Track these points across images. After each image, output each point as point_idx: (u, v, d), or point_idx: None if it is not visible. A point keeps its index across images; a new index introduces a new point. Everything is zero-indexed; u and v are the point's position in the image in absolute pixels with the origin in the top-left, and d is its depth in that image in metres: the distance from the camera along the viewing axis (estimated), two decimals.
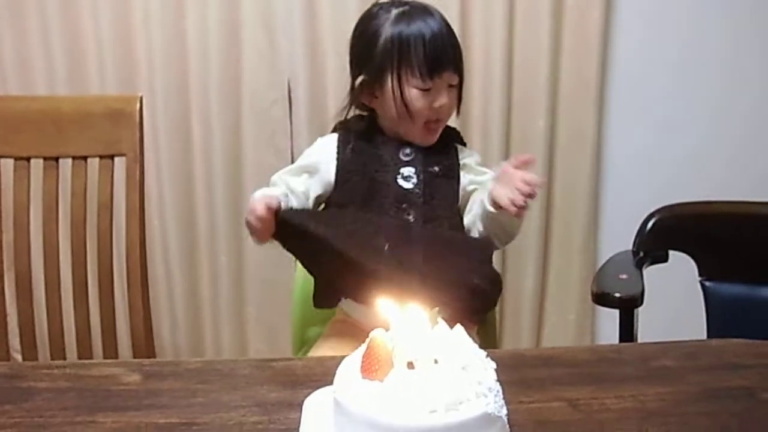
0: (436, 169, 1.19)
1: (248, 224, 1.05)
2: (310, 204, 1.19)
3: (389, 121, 1.20)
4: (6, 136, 1.24)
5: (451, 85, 1.18)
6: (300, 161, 1.23)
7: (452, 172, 1.21)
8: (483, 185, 1.18)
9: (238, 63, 1.94)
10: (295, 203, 1.14)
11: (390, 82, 1.16)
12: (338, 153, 1.20)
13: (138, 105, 1.24)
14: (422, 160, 1.19)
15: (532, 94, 1.95)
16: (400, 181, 1.17)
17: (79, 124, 1.25)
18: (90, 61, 1.94)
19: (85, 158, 1.25)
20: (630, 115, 2.02)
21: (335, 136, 1.23)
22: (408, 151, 1.20)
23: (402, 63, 1.15)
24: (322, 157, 1.20)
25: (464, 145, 1.29)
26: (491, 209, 1.09)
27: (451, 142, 1.26)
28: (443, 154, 1.22)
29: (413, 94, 1.16)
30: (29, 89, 1.95)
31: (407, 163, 1.19)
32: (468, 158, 1.24)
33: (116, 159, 1.25)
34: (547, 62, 1.92)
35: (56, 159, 1.25)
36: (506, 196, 1.04)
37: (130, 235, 1.25)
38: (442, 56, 1.15)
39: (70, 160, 1.25)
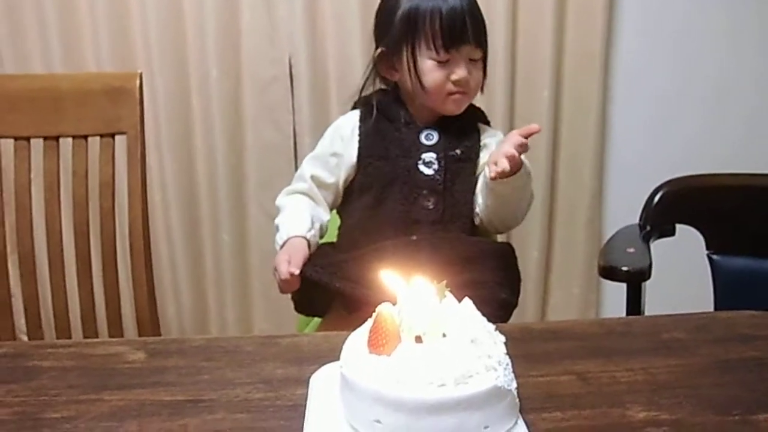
0: (458, 152, 1.20)
1: (275, 276, 1.12)
2: (341, 189, 1.23)
3: (410, 95, 1.21)
4: (4, 115, 1.23)
5: (472, 60, 1.18)
6: (324, 145, 1.25)
7: (473, 153, 1.21)
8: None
9: (238, 39, 1.92)
10: (318, 226, 1.18)
11: (405, 54, 1.17)
12: (360, 135, 1.21)
13: (138, 82, 1.23)
14: (444, 144, 1.19)
15: (536, 66, 1.93)
16: (422, 167, 1.18)
17: (78, 102, 1.23)
18: (85, 38, 1.92)
19: (85, 137, 1.24)
20: (635, 87, 2.00)
21: (356, 115, 1.23)
22: (430, 134, 1.20)
23: (417, 35, 1.15)
24: (345, 139, 1.21)
25: (488, 124, 1.28)
26: (488, 177, 1.10)
27: (474, 121, 1.25)
28: (465, 136, 1.22)
29: (427, 65, 1.16)
30: (25, 68, 1.93)
31: (429, 148, 1.19)
32: (490, 138, 1.24)
33: (117, 137, 1.24)
34: (551, 33, 1.89)
35: (56, 138, 1.24)
36: (492, 159, 1.08)
37: (132, 213, 1.24)
38: (460, 29, 1.15)
39: (70, 140, 1.24)
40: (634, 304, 1.26)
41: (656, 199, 1.40)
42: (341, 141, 1.22)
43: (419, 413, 0.60)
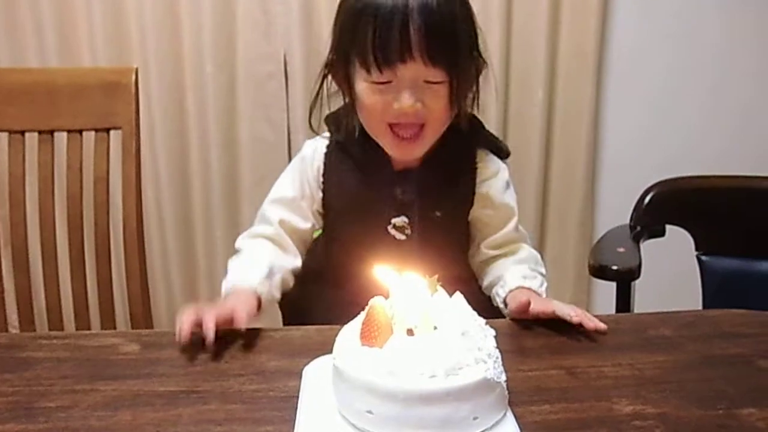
0: (438, 214, 0.99)
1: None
2: (318, 227, 1.06)
3: None
4: None
5: (429, 82, 0.89)
6: (289, 187, 1.04)
7: (461, 210, 1.01)
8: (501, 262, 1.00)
9: (233, 35, 1.93)
10: (279, 278, 0.97)
11: (341, 71, 0.94)
12: (324, 182, 1.02)
13: (133, 77, 1.23)
14: (422, 201, 0.98)
15: (530, 67, 1.94)
16: (392, 231, 1.00)
17: (73, 96, 1.23)
18: (81, 33, 1.92)
19: (80, 131, 1.24)
20: (628, 89, 2.02)
21: (322, 148, 1.03)
22: (405, 187, 0.98)
23: (351, 46, 0.90)
24: (312, 181, 1.03)
25: (495, 148, 1.04)
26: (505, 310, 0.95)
27: (472, 149, 1.01)
28: (454, 182, 0.99)
29: (361, 88, 0.92)
30: (20, 62, 1.93)
31: (401, 209, 0.99)
32: (489, 184, 1.01)
33: (112, 132, 1.24)
34: (545, 34, 1.91)
35: (51, 132, 1.24)
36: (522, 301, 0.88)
37: (126, 208, 1.24)
38: (399, 41, 0.86)
39: (65, 134, 1.24)
40: (624, 303, 1.27)
41: (646, 199, 1.41)
42: (308, 183, 1.03)
43: (410, 404, 0.61)
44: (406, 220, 0.99)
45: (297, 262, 1.03)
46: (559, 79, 1.97)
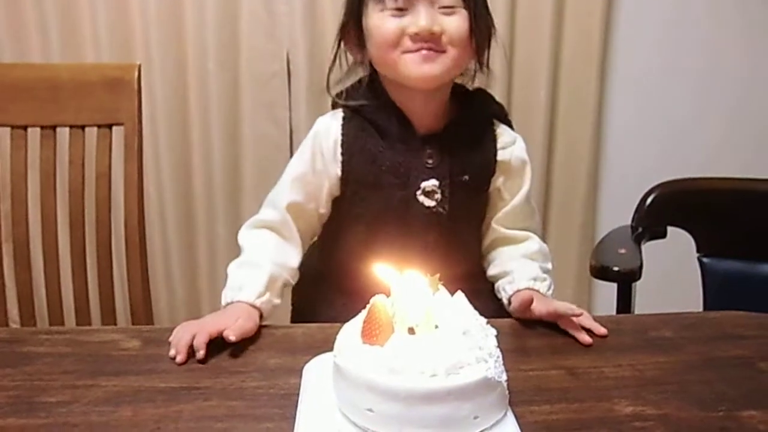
0: (466, 177, 0.98)
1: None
2: (323, 215, 1.02)
3: (395, 86, 0.98)
4: (2, 104, 1.22)
5: (444, 7, 0.92)
6: (303, 161, 1.00)
7: (485, 175, 1.01)
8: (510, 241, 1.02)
9: (237, 33, 1.93)
10: (280, 284, 0.95)
11: (354, 18, 0.96)
12: (343, 154, 0.98)
13: (136, 73, 1.23)
14: (449, 165, 0.97)
15: (533, 67, 1.93)
16: (421, 198, 0.97)
17: (76, 92, 1.23)
18: (85, 29, 1.92)
19: (82, 127, 1.24)
20: (631, 89, 2.01)
21: (338, 120, 1.00)
22: (432, 151, 0.97)
23: None
24: (327, 155, 0.99)
25: (506, 120, 1.05)
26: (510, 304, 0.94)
27: (488, 118, 1.03)
28: (478, 146, 1.00)
29: (375, 18, 0.93)
30: (23, 57, 1.93)
31: (431, 173, 0.97)
32: (509, 151, 1.02)
33: (114, 128, 1.24)
34: (549, 34, 1.90)
35: (53, 128, 1.24)
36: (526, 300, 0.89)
37: (128, 205, 1.24)
38: None
39: (67, 129, 1.24)
40: (624, 304, 1.27)
41: (648, 201, 1.41)
42: (322, 157, 0.99)
43: (411, 402, 0.61)
44: (436, 183, 0.97)
45: (297, 258, 1.00)
46: (562, 79, 1.97)
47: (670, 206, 1.43)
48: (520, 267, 0.98)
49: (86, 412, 0.69)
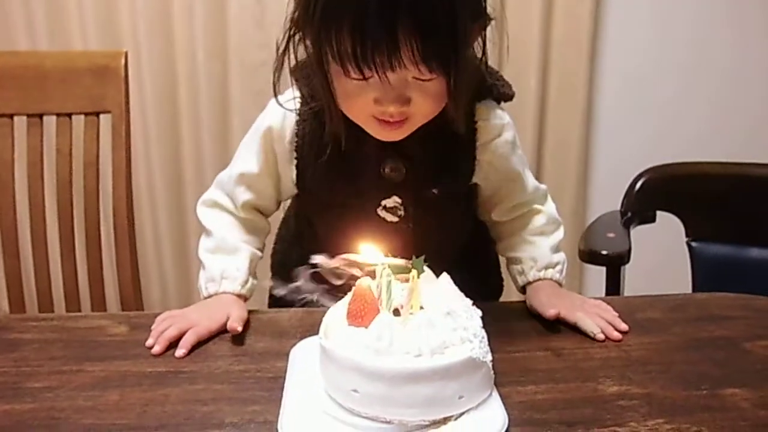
0: (434, 191, 0.87)
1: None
2: (279, 204, 0.95)
3: None
4: None
5: (421, 79, 0.75)
6: (252, 161, 0.90)
7: (460, 184, 0.89)
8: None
9: (226, 22, 1.91)
10: (254, 265, 0.90)
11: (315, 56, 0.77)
12: (297, 158, 0.88)
13: (123, 60, 1.22)
14: (415, 179, 0.85)
15: (523, 55, 1.93)
16: (382, 214, 0.88)
17: (63, 80, 1.22)
18: (72, 16, 1.90)
19: (69, 115, 1.23)
20: (620, 76, 2.01)
21: (291, 118, 0.88)
22: (395, 163, 0.84)
23: (322, 40, 0.73)
24: (281, 156, 0.89)
25: (498, 100, 0.90)
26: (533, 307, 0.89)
27: (466, 118, 0.84)
28: (449, 152, 0.85)
29: (338, 77, 0.77)
30: (9, 45, 1.91)
31: (393, 189, 0.86)
32: (492, 147, 0.88)
33: (102, 116, 1.23)
34: (538, 22, 1.90)
35: (40, 116, 1.23)
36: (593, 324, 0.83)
37: (116, 193, 1.24)
38: (389, 48, 0.70)
39: (54, 118, 1.23)
40: (613, 288, 1.27)
41: (637, 185, 1.41)
42: (274, 157, 0.89)
43: (396, 383, 0.61)
44: (398, 200, 0.87)
45: (267, 227, 0.96)
46: (552, 67, 1.97)
47: (659, 191, 1.43)
48: (531, 252, 0.93)
49: (73, 397, 0.69)
